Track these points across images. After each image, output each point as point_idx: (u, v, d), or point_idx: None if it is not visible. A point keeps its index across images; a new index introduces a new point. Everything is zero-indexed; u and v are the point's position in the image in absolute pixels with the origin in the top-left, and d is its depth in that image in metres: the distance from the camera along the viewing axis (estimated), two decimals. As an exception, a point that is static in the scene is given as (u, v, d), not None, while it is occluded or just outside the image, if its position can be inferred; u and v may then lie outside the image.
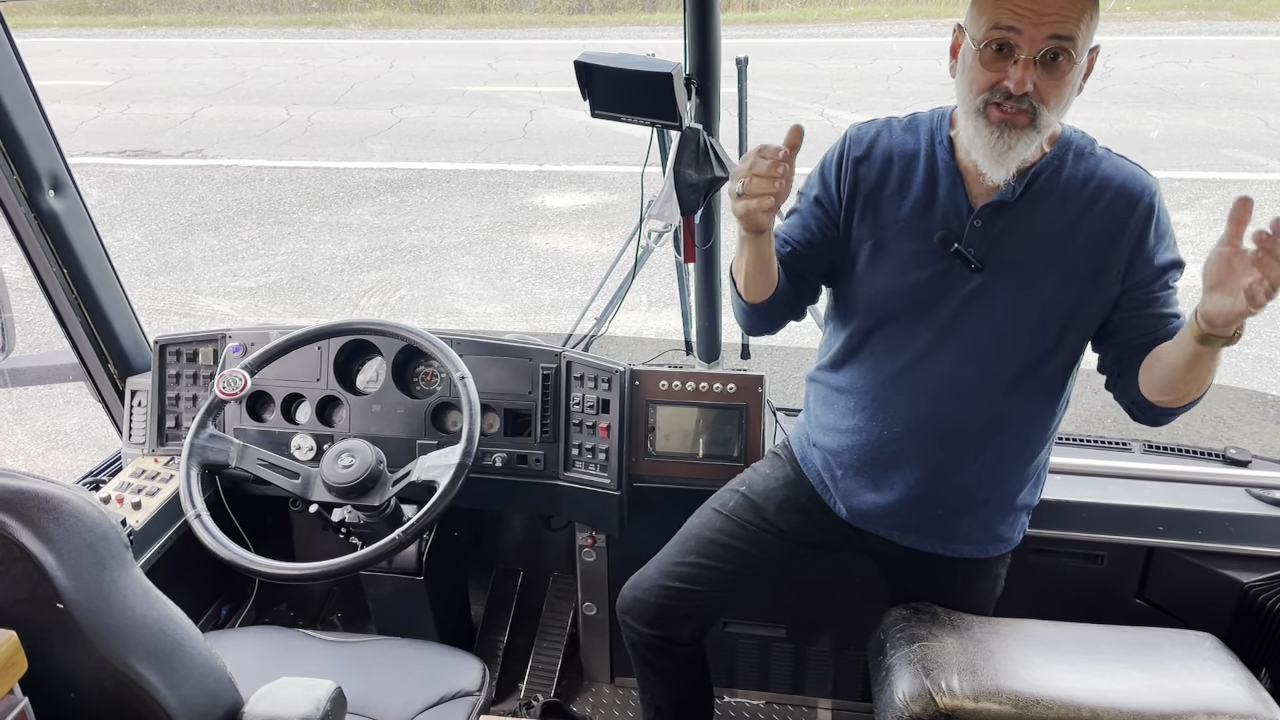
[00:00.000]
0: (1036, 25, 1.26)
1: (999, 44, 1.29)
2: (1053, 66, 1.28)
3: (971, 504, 1.59)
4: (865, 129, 1.54)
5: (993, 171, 1.37)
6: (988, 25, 1.29)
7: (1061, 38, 1.26)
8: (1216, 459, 2.01)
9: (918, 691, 1.42)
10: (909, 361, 1.52)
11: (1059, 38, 1.26)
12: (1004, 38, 1.28)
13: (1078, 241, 1.41)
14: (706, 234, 2.16)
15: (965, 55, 1.36)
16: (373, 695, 1.64)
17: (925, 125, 1.50)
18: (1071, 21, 1.26)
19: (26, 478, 1.05)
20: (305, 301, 5.26)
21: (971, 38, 1.33)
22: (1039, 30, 1.26)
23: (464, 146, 7.79)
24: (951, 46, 1.40)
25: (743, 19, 12.63)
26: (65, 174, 1.98)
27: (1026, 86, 1.28)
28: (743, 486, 1.77)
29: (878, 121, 1.55)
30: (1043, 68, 1.28)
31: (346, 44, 11.96)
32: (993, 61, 1.31)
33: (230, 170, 7.41)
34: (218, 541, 1.65)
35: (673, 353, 2.53)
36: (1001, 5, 1.27)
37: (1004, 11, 1.27)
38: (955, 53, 1.39)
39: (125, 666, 1.09)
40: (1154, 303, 1.44)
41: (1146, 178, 1.43)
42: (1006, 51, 1.29)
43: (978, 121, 1.34)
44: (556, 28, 12.79)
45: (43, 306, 2.10)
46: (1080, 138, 1.45)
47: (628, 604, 1.78)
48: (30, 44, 8.90)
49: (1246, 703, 1.38)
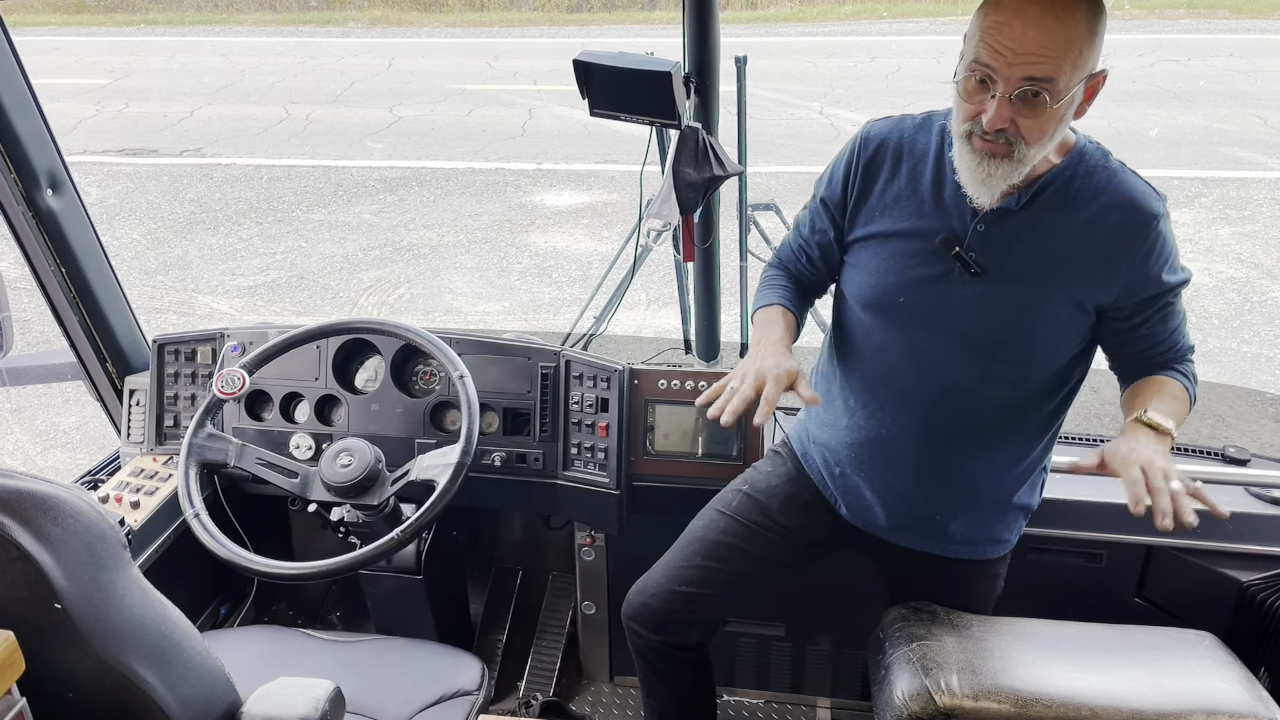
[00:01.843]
0: (1011, 65, 1.24)
1: (980, 77, 1.29)
2: (1033, 103, 1.27)
3: (967, 505, 1.58)
4: (878, 127, 1.54)
5: (977, 194, 1.37)
6: (970, 58, 1.29)
7: (1037, 79, 1.24)
8: (1215, 457, 2.01)
9: (917, 690, 1.42)
10: (906, 362, 1.52)
11: (1034, 80, 1.24)
12: (983, 72, 1.28)
13: (1080, 254, 1.40)
14: (705, 233, 2.16)
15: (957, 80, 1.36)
16: (371, 695, 1.64)
17: (938, 124, 1.49)
18: (1050, 62, 1.23)
19: (24, 477, 1.05)
20: (304, 300, 5.26)
21: (961, 63, 1.33)
22: (1013, 70, 1.25)
23: (463, 145, 7.78)
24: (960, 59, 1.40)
25: (742, 17, 12.64)
26: (63, 173, 1.98)
27: (1001, 123, 1.28)
28: (745, 485, 1.76)
29: (892, 119, 1.55)
30: (1021, 103, 1.27)
31: (345, 42, 11.95)
32: (973, 93, 1.31)
33: (229, 169, 7.40)
34: (216, 541, 1.65)
35: (672, 351, 2.53)
36: (984, 41, 1.26)
37: (985, 48, 1.26)
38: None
39: (123, 666, 1.09)
40: (1151, 321, 1.45)
41: (1156, 200, 1.40)
42: (987, 85, 1.29)
43: (963, 147, 1.35)
44: (555, 26, 12.79)
45: (41, 305, 2.10)
46: (1094, 149, 1.43)
47: (634, 610, 1.77)
48: (28, 42, 8.91)
49: (1245, 701, 1.38)
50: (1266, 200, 6.11)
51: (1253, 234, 5.63)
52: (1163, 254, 1.41)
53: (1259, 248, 5.47)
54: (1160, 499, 1.24)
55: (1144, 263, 1.40)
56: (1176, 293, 1.45)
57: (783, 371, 1.39)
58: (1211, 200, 6.07)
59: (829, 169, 1.59)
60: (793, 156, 7.02)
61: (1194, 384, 1.51)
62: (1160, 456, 1.31)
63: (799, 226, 1.68)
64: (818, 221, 1.62)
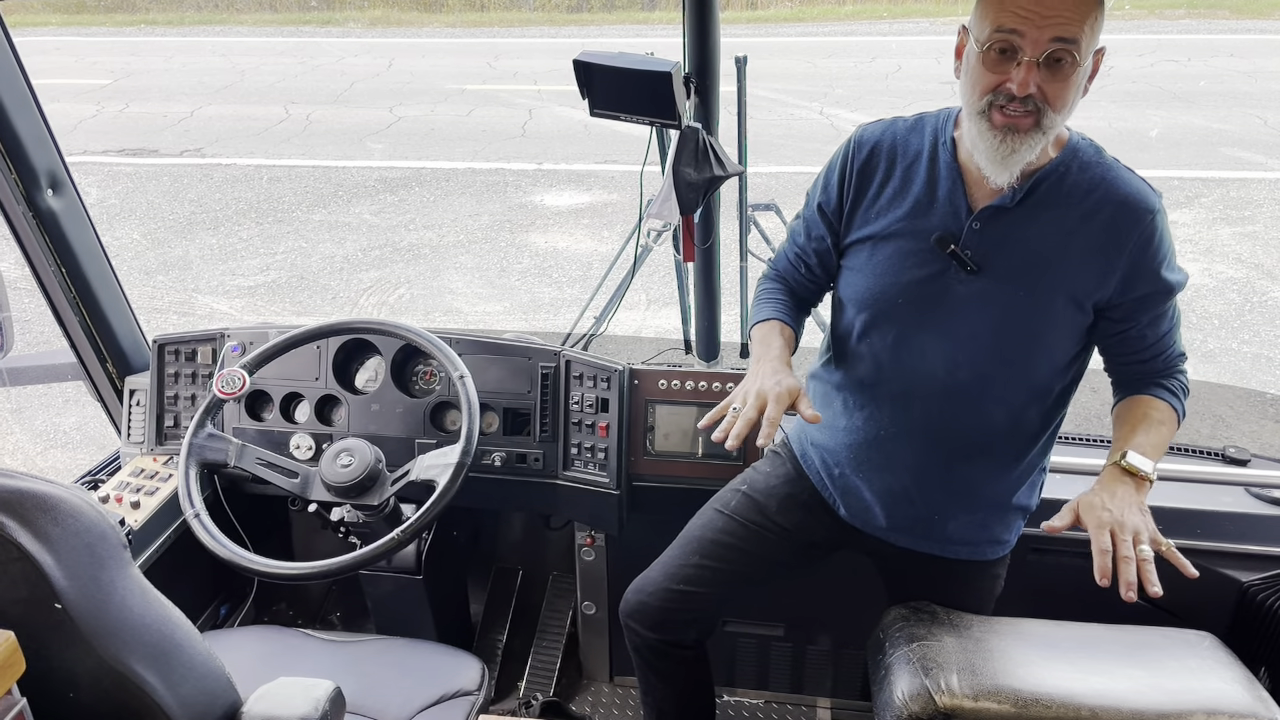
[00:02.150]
0: (1039, 27, 1.25)
1: (1002, 46, 1.29)
2: (1056, 68, 1.28)
3: (965, 506, 1.59)
4: (870, 130, 1.55)
5: (996, 174, 1.37)
6: (991, 27, 1.29)
7: (1065, 40, 1.26)
8: (1215, 458, 2.01)
9: (917, 691, 1.42)
10: (904, 362, 1.52)
11: (1062, 40, 1.26)
12: (1007, 40, 1.28)
13: (1075, 251, 1.41)
14: (705, 233, 2.16)
15: (969, 57, 1.35)
16: (372, 695, 1.64)
17: (930, 125, 1.50)
18: (1075, 24, 1.25)
19: (24, 477, 1.05)
20: (304, 300, 5.26)
21: (975, 39, 1.33)
22: (1042, 32, 1.26)
23: (463, 145, 7.79)
24: (956, 48, 1.40)
25: (742, 18, 12.64)
26: (64, 173, 1.98)
27: (1030, 88, 1.28)
28: (744, 486, 1.77)
29: (884, 122, 1.56)
30: (1046, 69, 1.28)
31: (345, 42, 11.96)
32: (996, 64, 1.31)
33: (229, 169, 7.41)
34: (216, 541, 1.65)
35: (672, 351, 2.54)
36: (1005, 7, 1.27)
37: (1007, 14, 1.27)
38: (960, 54, 1.39)
39: (124, 666, 1.09)
40: (1142, 324, 1.46)
41: (1152, 196, 1.41)
42: (1010, 54, 1.29)
43: (981, 124, 1.34)
44: (555, 26, 12.79)
45: (41, 305, 2.10)
46: (1088, 145, 1.44)
47: (632, 608, 1.77)
48: (29, 42, 8.91)
49: (1245, 702, 1.38)
50: (1267, 200, 6.11)
51: (1253, 234, 5.63)
52: (1160, 250, 1.41)
53: (1259, 248, 5.47)
54: (1126, 570, 1.27)
55: (1140, 257, 1.40)
56: (1172, 293, 1.45)
57: (784, 390, 1.40)
58: (1211, 201, 6.07)
59: (822, 175, 1.60)
60: (793, 157, 7.02)
61: (1184, 399, 1.53)
62: (1134, 512, 1.34)
63: (794, 236, 1.68)
64: (814, 229, 1.62)
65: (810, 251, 1.64)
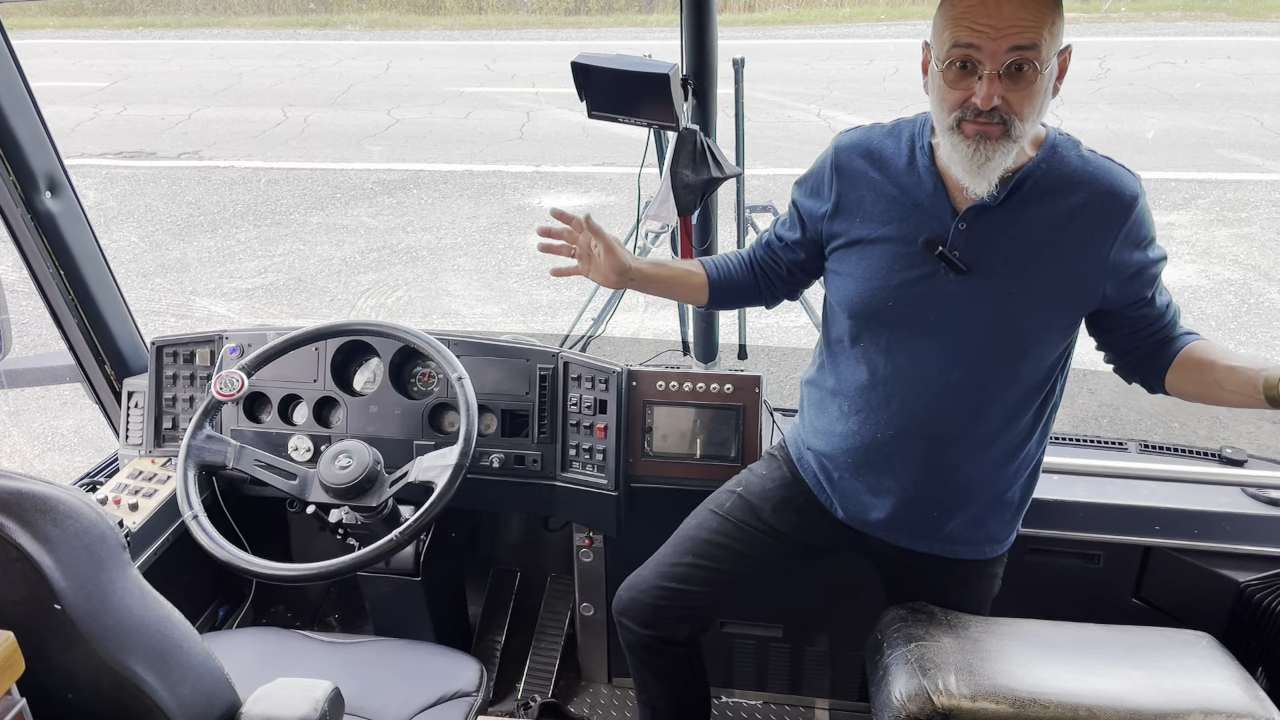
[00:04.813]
0: (995, 39, 1.26)
1: (962, 61, 1.30)
2: (1019, 77, 1.29)
3: (964, 504, 1.59)
4: (848, 138, 1.57)
5: (974, 184, 1.38)
6: (949, 43, 1.30)
7: (1023, 48, 1.26)
8: (1213, 458, 2.02)
9: (915, 691, 1.42)
10: (898, 364, 1.53)
11: (1020, 48, 1.26)
12: (965, 55, 1.29)
13: (1063, 243, 1.42)
14: (703, 234, 2.16)
15: (933, 75, 1.36)
16: (370, 696, 1.64)
17: (907, 131, 1.51)
18: (1032, 30, 1.26)
19: (23, 478, 1.05)
20: (302, 303, 5.26)
21: (935, 57, 1.34)
22: (999, 44, 1.26)
23: (461, 148, 7.79)
24: (922, 64, 1.41)
25: (739, 20, 12.64)
26: (62, 175, 1.98)
27: (994, 101, 1.29)
28: (739, 488, 1.77)
29: (861, 128, 1.57)
30: (1008, 79, 1.29)
31: (343, 45, 11.95)
32: (958, 79, 1.32)
33: (227, 171, 7.40)
34: (215, 543, 1.65)
35: (670, 353, 2.54)
36: (960, 23, 1.28)
37: (963, 29, 1.28)
38: (926, 70, 1.40)
39: (123, 667, 1.09)
40: (1141, 300, 1.48)
41: (1130, 178, 1.43)
42: (970, 68, 1.30)
43: (954, 138, 1.35)
44: (553, 29, 12.79)
45: (39, 308, 2.10)
46: (1064, 140, 1.45)
47: (624, 605, 1.79)
48: (26, 45, 8.88)
49: (1243, 702, 1.39)
50: (1263, 202, 6.12)
51: (1249, 236, 5.64)
52: (1145, 232, 1.44)
53: (1255, 250, 5.48)
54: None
55: (1127, 243, 1.43)
56: (1161, 264, 1.48)
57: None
58: (1208, 202, 6.08)
59: (806, 181, 1.62)
60: (790, 158, 7.02)
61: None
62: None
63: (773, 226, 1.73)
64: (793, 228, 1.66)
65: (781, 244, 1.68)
